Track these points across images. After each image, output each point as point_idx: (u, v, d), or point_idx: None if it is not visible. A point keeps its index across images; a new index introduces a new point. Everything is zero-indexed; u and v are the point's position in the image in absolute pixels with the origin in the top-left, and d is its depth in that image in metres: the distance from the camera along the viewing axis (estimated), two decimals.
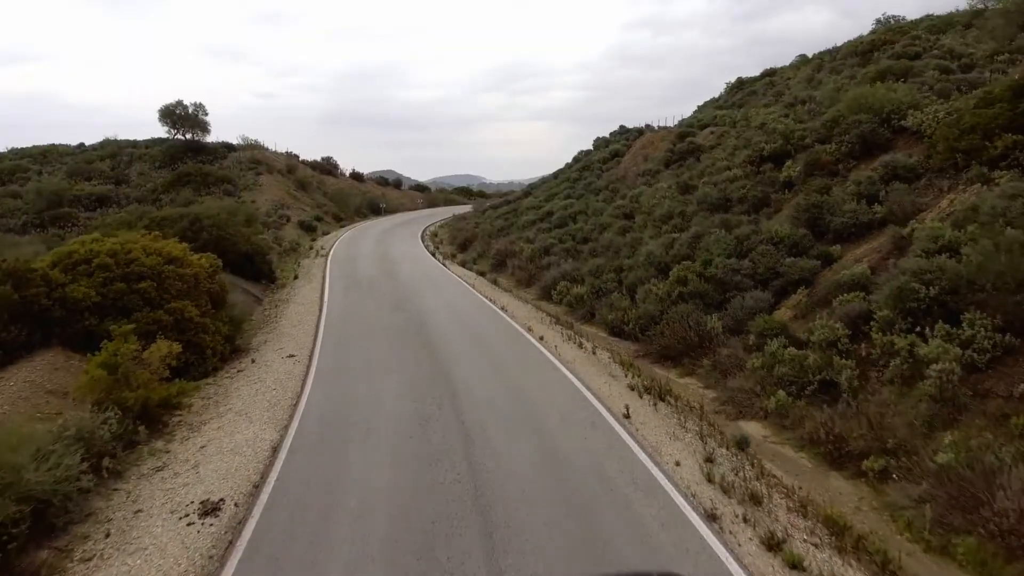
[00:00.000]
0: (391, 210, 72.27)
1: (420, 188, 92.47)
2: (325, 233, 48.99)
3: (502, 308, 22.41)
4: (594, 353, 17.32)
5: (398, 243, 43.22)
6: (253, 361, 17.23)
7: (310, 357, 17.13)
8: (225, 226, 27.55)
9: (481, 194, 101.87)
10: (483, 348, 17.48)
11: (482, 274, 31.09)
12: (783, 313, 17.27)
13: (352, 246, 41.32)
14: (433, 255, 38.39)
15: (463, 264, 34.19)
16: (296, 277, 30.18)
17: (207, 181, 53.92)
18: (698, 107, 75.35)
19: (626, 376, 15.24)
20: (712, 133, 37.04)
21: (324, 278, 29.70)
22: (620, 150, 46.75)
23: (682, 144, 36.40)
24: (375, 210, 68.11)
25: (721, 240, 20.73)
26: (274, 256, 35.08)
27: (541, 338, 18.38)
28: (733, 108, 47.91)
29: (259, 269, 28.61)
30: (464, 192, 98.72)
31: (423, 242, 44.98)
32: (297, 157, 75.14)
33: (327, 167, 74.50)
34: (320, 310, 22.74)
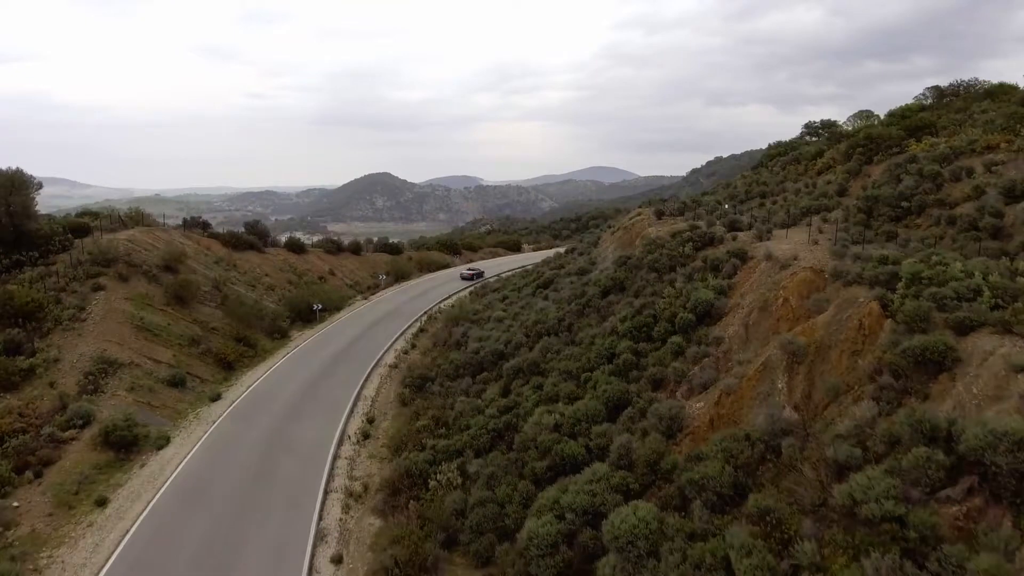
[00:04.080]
0: (335, 304, 48.47)
1: (390, 249, 68.33)
2: (161, 444, 25.08)
3: None
4: None
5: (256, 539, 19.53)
6: None
7: None
8: None
9: (469, 246, 78.10)
10: None
11: None
12: None
13: None
14: None
15: None
16: None
17: None
18: (760, 168, 51.49)
19: None
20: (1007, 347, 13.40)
21: None
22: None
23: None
24: (306, 316, 44.33)
25: None
26: None
27: None
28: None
29: None
30: (445, 246, 74.68)
31: (320, 517, 21.26)
32: (205, 226, 51.25)
33: (247, 241, 50.51)
34: None
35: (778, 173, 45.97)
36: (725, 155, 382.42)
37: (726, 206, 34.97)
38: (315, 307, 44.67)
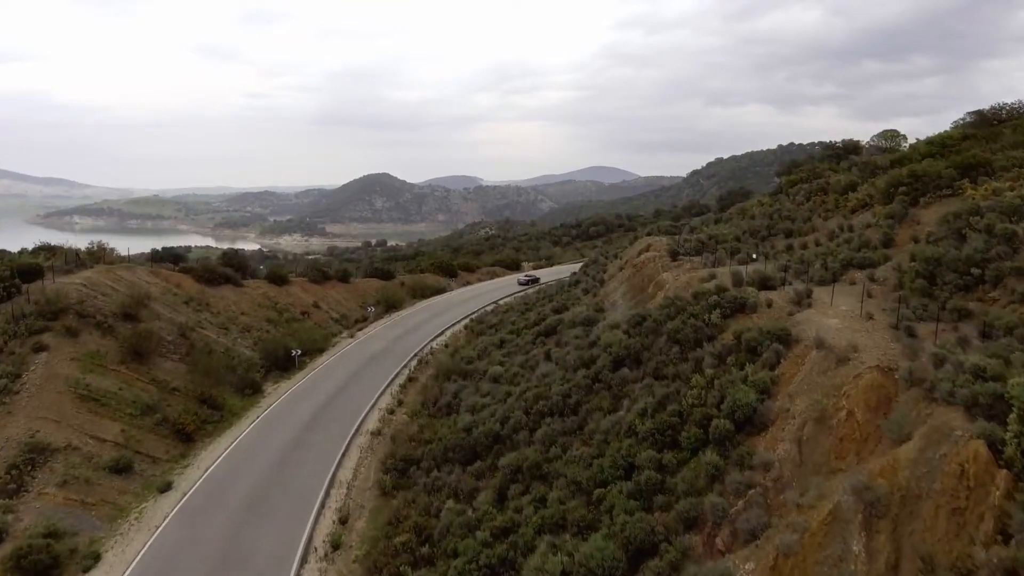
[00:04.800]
0: (318, 345, 44.18)
1: (381, 274, 63.89)
2: (88, 564, 20.81)
3: None
4: None
5: None
6: None
7: None
8: None
9: (466, 267, 73.78)
10: None
11: None
12: None
13: None
14: None
15: None
16: None
17: None
18: (780, 196, 46.86)
19: None
20: None
21: None
22: None
23: None
24: (283, 363, 39.99)
25: None
26: None
27: None
28: None
29: None
30: (440, 268, 70.33)
31: None
32: (176, 260, 47.06)
33: (223, 275, 46.09)
34: None
35: (802, 204, 41.65)
36: (726, 156, 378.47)
37: (754, 256, 30.66)
38: (294, 353, 40.34)
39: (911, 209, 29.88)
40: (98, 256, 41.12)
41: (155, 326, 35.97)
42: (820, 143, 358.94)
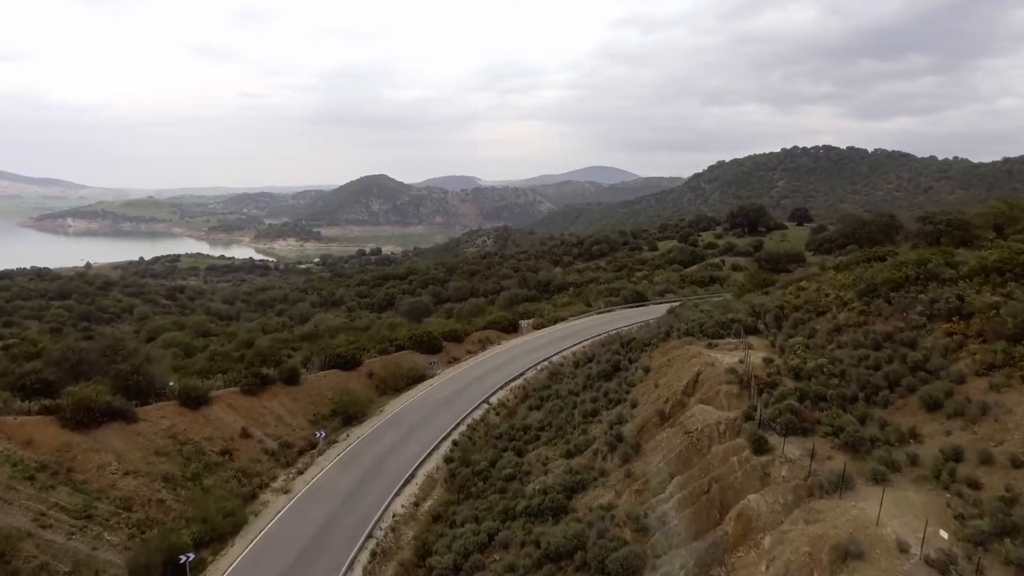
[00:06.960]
0: (229, 523, 30.59)
1: (342, 362, 49.83)
2: None
3: None
4: None
5: None
6: None
7: None
8: None
9: (453, 335, 60.03)
10: None
11: None
12: None
13: None
14: None
15: None
16: None
17: None
18: (874, 300, 32.51)
19: None
20: None
21: None
22: None
23: None
24: None
25: None
26: None
27: None
28: None
29: None
30: (420, 343, 56.27)
31: None
32: (42, 390, 33.52)
33: (107, 409, 32.30)
34: None
35: (924, 327, 28.09)
36: (727, 158, 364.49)
37: (944, 534, 16.75)
38: (183, 559, 26.78)
39: None
40: None
41: None
42: (825, 146, 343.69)
